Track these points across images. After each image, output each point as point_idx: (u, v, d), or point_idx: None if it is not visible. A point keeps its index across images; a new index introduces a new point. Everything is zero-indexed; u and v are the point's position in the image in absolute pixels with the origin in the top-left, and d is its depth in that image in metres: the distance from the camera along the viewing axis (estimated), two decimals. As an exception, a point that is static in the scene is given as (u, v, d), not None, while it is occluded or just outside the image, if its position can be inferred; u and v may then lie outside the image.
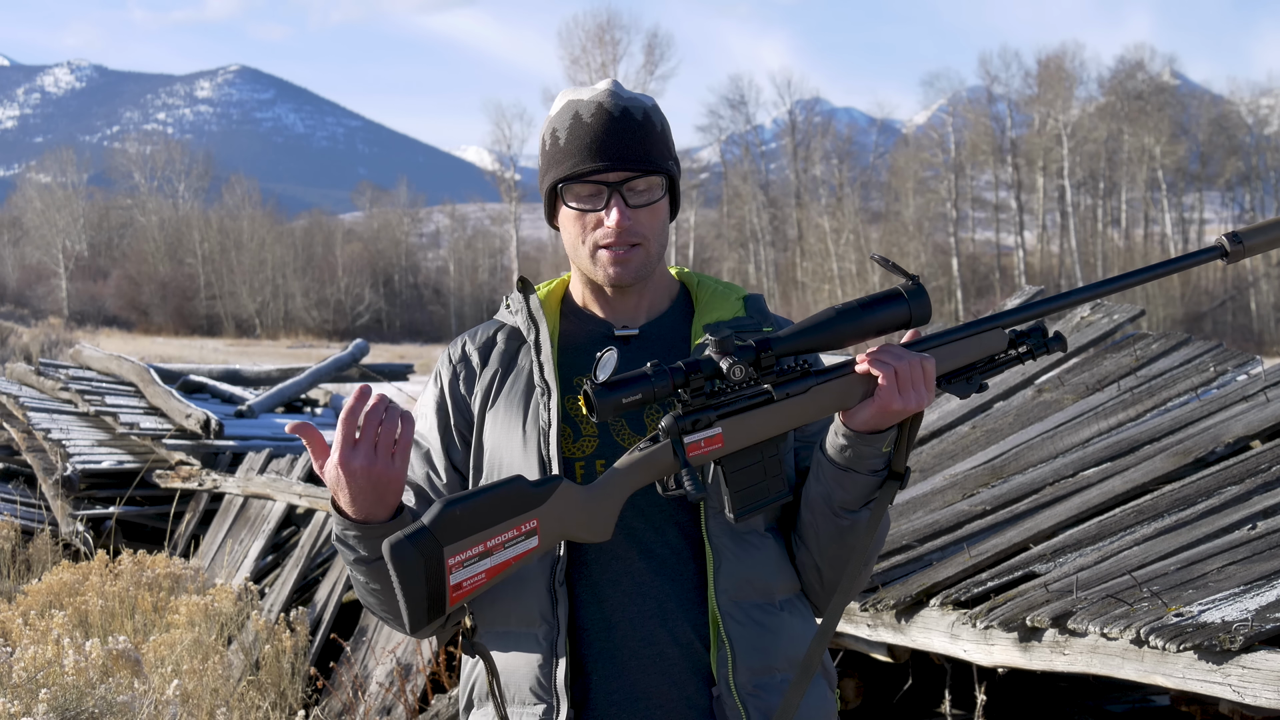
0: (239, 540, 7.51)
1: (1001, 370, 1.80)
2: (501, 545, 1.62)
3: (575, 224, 1.85)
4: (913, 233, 50.44)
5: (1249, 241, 1.87)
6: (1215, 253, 1.87)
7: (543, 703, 1.78)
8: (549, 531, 1.66)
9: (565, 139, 1.84)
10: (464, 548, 1.60)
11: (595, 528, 1.69)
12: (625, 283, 1.85)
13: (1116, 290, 1.83)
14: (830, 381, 1.73)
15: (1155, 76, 54.93)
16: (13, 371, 13.89)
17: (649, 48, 56.77)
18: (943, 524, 4.21)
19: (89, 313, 59.24)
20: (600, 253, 1.84)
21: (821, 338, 1.71)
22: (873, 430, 1.74)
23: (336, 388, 14.28)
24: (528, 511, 1.64)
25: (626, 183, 1.81)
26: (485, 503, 1.62)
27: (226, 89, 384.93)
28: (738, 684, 1.77)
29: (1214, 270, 54.74)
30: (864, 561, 1.81)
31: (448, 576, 1.59)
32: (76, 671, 4.13)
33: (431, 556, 1.58)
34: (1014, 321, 1.79)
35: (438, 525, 1.59)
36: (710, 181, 60.51)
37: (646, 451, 1.70)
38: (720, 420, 1.70)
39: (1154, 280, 1.88)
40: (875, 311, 1.72)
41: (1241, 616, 2.86)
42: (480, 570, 1.61)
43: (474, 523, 1.61)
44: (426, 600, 1.58)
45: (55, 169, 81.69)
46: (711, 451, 1.69)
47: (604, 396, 1.64)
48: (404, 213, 78.93)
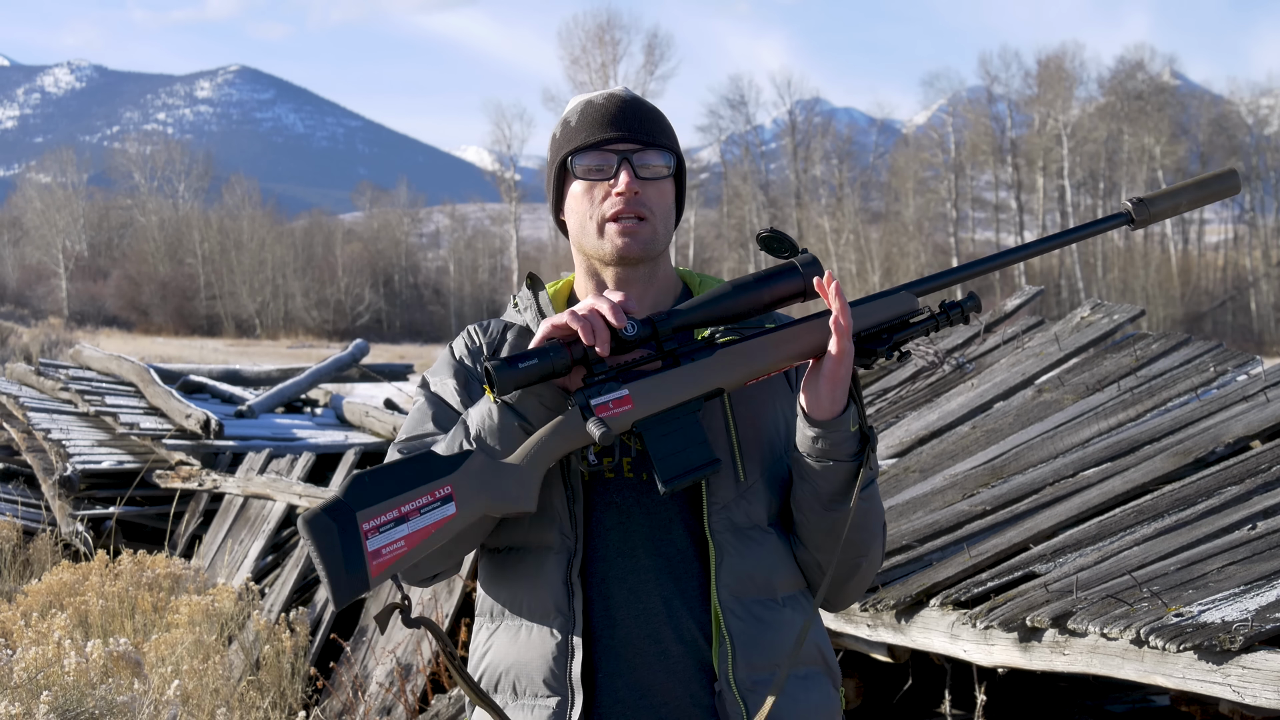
0: (239, 540, 7.51)
1: (916, 332, 1.82)
2: (417, 510, 1.63)
3: (584, 198, 1.87)
4: (913, 233, 50.45)
5: (1154, 207, 1.90)
6: (1121, 219, 1.89)
7: (556, 695, 1.79)
8: (467, 498, 1.66)
9: (576, 121, 1.87)
10: (377, 513, 1.61)
11: (516, 497, 1.69)
12: (632, 256, 1.85)
13: (1022, 259, 1.87)
14: (737, 345, 1.76)
15: (1155, 76, 54.91)
16: (13, 371, 13.89)
17: (649, 48, 56.85)
18: (943, 524, 4.21)
19: (89, 313, 59.24)
20: (609, 225, 1.85)
21: (718, 309, 1.75)
22: (836, 414, 1.74)
23: (336, 388, 14.28)
24: (441, 478, 1.65)
25: (636, 154, 1.84)
26: (396, 470, 1.65)
27: (226, 89, 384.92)
28: (738, 680, 1.77)
29: (1214, 270, 54.77)
30: (866, 536, 1.82)
31: (364, 541, 1.60)
32: (77, 672, 4.13)
33: (345, 521, 1.59)
34: (925, 291, 1.83)
35: (348, 492, 1.61)
36: (710, 181, 60.53)
37: (560, 419, 1.71)
38: (626, 385, 1.72)
39: (1063, 247, 1.93)
40: (770, 284, 1.76)
41: (1241, 616, 2.86)
42: (399, 537, 1.61)
43: (386, 489, 1.62)
44: (345, 569, 1.59)
45: (55, 169, 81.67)
46: (622, 413, 1.71)
47: (503, 371, 1.66)
48: (404, 213, 78.93)
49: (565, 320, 1.70)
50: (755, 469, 1.83)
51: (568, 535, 1.81)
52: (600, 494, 1.84)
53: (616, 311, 1.70)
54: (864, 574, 1.88)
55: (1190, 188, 1.92)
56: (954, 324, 1.82)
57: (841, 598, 1.92)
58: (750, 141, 60.35)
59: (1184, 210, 1.92)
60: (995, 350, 6.04)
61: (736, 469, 1.83)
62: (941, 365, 6.02)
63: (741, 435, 1.84)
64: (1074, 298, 46.10)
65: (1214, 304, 50.40)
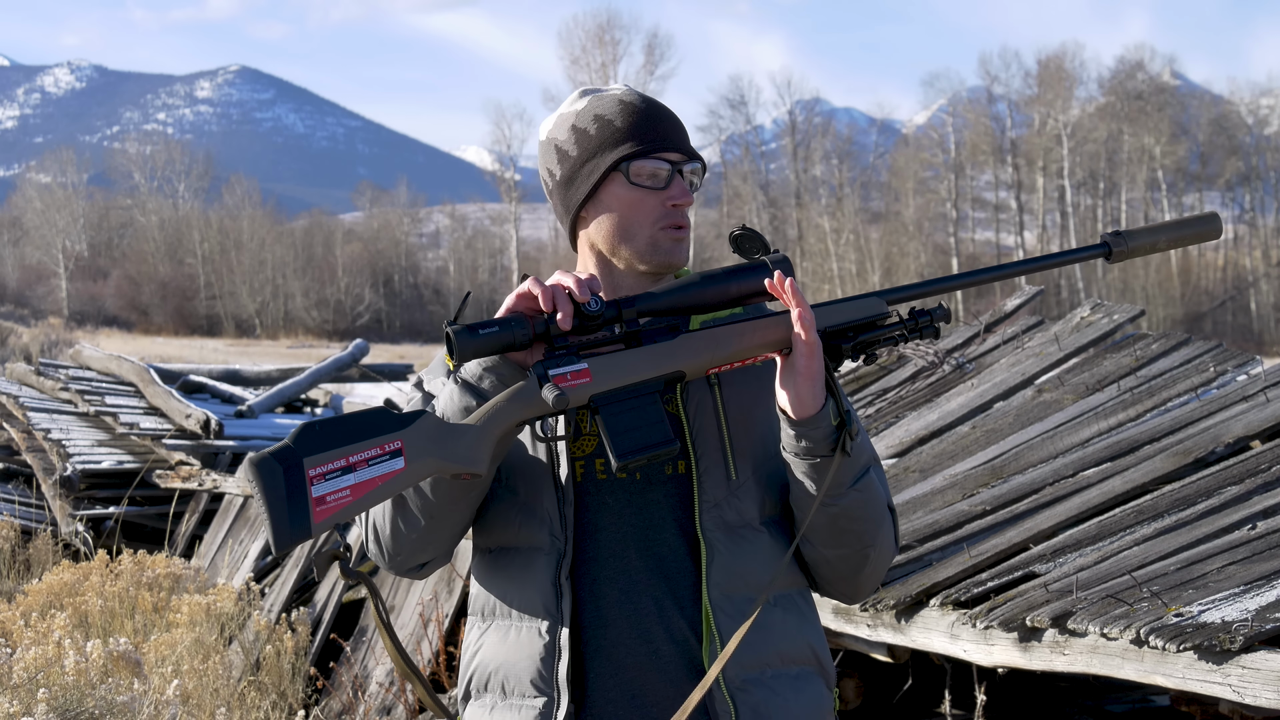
0: (239, 540, 7.51)
1: (882, 336, 1.82)
2: (365, 462, 1.63)
3: (636, 205, 1.86)
4: (913, 233, 50.46)
5: (1132, 242, 1.89)
6: (1100, 249, 1.89)
7: (543, 696, 1.79)
8: (416, 456, 1.66)
9: (622, 121, 1.87)
10: (324, 460, 1.61)
11: (466, 458, 1.69)
12: (678, 263, 1.88)
13: (994, 280, 1.87)
14: (701, 331, 1.76)
15: (1155, 77, 54.91)
16: (13, 371, 13.89)
17: (649, 48, 56.85)
18: (943, 524, 4.21)
19: (89, 313, 59.25)
20: (661, 233, 1.86)
21: (687, 298, 1.75)
22: (815, 410, 1.73)
23: (336, 388, 14.29)
24: (391, 432, 1.66)
25: (685, 164, 1.88)
26: (347, 422, 1.65)
27: (226, 89, 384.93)
28: (727, 679, 1.77)
29: (1214, 270, 54.77)
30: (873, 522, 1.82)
31: (309, 487, 1.60)
32: (77, 672, 4.13)
33: (291, 465, 1.60)
34: (898, 300, 1.83)
35: (297, 438, 1.62)
36: (710, 182, 60.50)
37: (519, 385, 1.72)
38: (587, 359, 1.72)
39: (1037, 272, 1.92)
40: (739, 278, 1.76)
41: (1241, 616, 2.86)
42: (344, 486, 1.62)
43: (335, 438, 1.63)
44: (288, 512, 1.59)
45: (55, 169, 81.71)
46: (580, 384, 1.70)
47: (463, 336, 1.66)
48: (404, 213, 78.96)
49: (529, 287, 1.70)
50: (747, 467, 1.83)
51: (557, 536, 1.81)
52: (592, 495, 1.84)
53: (582, 287, 1.70)
54: (875, 563, 1.86)
55: (1171, 226, 1.92)
56: (922, 334, 1.81)
57: (856, 588, 1.90)
58: (750, 141, 60.38)
59: (1162, 249, 1.92)
60: (995, 350, 6.04)
61: (728, 467, 1.82)
62: (941, 365, 6.02)
63: (733, 433, 1.84)
64: (1074, 298, 46.11)
65: (1214, 304, 50.41)
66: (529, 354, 1.74)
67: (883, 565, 1.88)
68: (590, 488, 1.84)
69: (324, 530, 1.62)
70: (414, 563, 1.84)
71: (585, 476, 1.84)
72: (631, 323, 1.75)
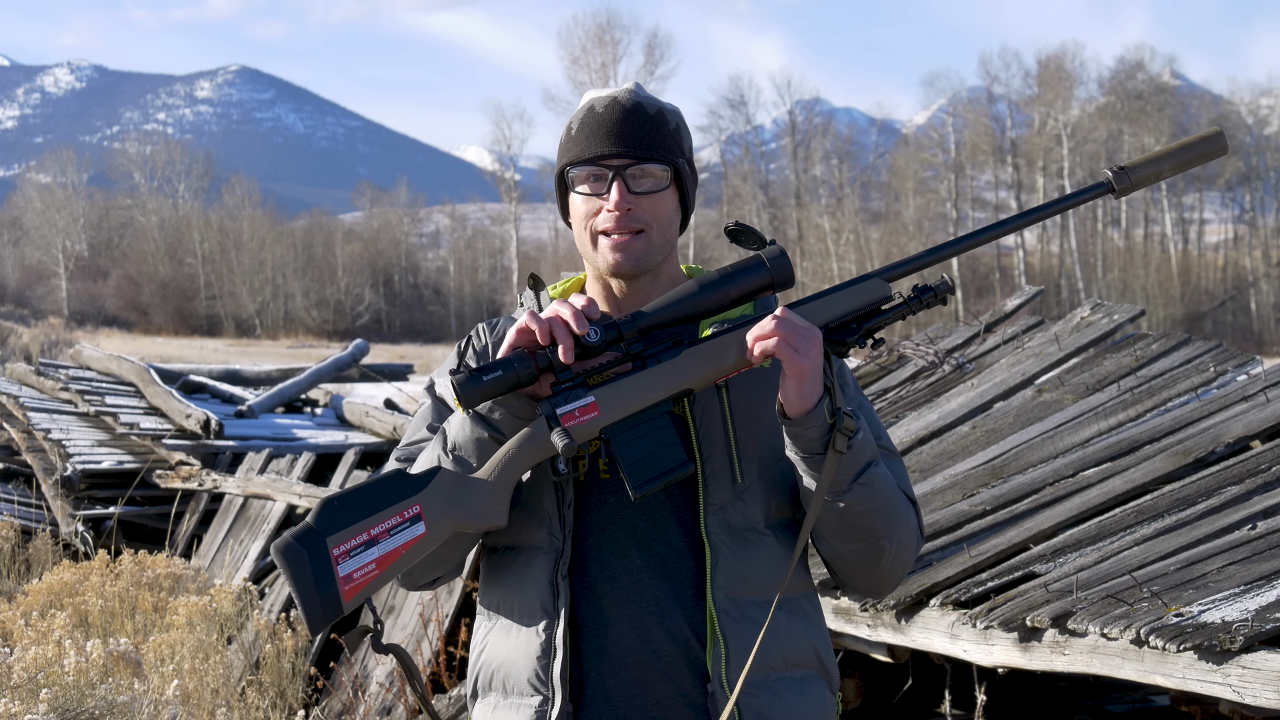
0: (239, 540, 7.52)
1: (888, 319, 1.80)
2: (386, 532, 1.64)
3: (581, 211, 1.87)
4: (913, 233, 50.43)
5: (1136, 174, 1.86)
6: (1103, 188, 1.87)
7: (539, 694, 1.80)
8: (435, 517, 1.67)
9: (577, 129, 1.86)
10: (347, 536, 1.62)
11: (484, 512, 1.69)
12: (625, 271, 1.85)
13: (1002, 234, 1.85)
14: (703, 344, 1.75)
15: (1155, 77, 54.88)
16: (13, 371, 13.88)
17: (649, 48, 56.77)
18: (943, 524, 4.21)
19: (89, 313, 59.24)
20: (601, 239, 1.85)
21: (685, 308, 1.74)
22: (807, 410, 1.72)
23: (336, 388, 14.28)
24: (409, 497, 1.66)
25: (629, 168, 1.82)
26: (364, 493, 1.65)
27: (226, 89, 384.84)
28: (731, 681, 1.77)
29: (1214, 270, 54.75)
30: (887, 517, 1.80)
31: (335, 567, 1.61)
32: (77, 672, 4.13)
33: (315, 547, 1.60)
34: (896, 275, 1.81)
35: (318, 517, 1.62)
36: (710, 181, 60.47)
37: (527, 430, 1.71)
38: (593, 391, 1.71)
39: (1044, 220, 1.89)
40: (736, 279, 1.75)
41: (1241, 616, 2.86)
42: (370, 560, 1.63)
43: (354, 512, 1.63)
44: (318, 595, 1.60)
45: (55, 169, 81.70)
46: (589, 420, 1.70)
47: (467, 385, 1.66)
48: (404, 213, 78.91)
49: (527, 323, 1.70)
50: (753, 470, 1.83)
51: (556, 536, 1.81)
52: (594, 494, 1.84)
53: (579, 318, 1.69)
54: (894, 556, 1.84)
55: (1174, 152, 1.87)
56: (928, 307, 1.79)
57: (878, 582, 1.88)
58: (750, 141, 60.34)
59: (1168, 176, 1.88)
60: (995, 350, 6.04)
61: (734, 470, 1.82)
62: (941, 365, 6.02)
63: (739, 437, 1.83)
64: (1074, 298, 46.10)
65: (1214, 304, 50.39)
66: (538, 384, 1.74)
67: (904, 558, 1.86)
68: (592, 487, 1.84)
69: (354, 608, 1.64)
70: (426, 580, 1.85)
71: (588, 476, 1.84)
72: (634, 342, 1.74)
